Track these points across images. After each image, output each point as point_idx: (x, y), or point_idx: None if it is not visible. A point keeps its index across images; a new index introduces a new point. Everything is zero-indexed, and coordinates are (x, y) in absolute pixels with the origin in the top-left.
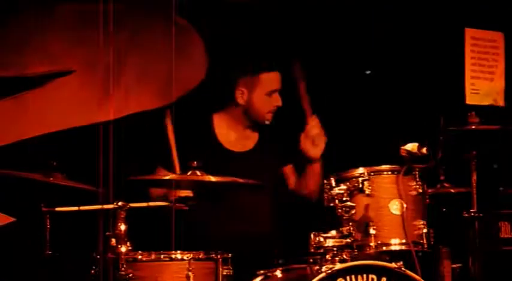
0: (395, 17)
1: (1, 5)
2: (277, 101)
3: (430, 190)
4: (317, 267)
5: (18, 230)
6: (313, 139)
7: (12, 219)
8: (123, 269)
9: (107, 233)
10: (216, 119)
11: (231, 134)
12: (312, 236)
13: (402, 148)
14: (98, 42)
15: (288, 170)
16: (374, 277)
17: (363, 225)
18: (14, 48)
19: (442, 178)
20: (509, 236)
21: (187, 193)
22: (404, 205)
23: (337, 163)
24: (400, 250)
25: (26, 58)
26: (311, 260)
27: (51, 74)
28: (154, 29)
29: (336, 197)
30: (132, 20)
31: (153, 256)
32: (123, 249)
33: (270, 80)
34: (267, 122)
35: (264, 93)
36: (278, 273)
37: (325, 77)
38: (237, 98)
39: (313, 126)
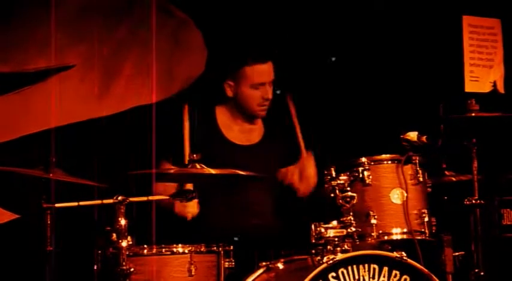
0: (393, 5)
1: (2, 1)
2: (266, 93)
3: (431, 179)
4: (318, 258)
5: (20, 227)
6: (308, 179)
7: (16, 216)
8: (124, 263)
9: (107, 228)
10: (218, 112)
11: (233, 127)
12: (312, 226)
13: (402, 136)
14: (98, 37)
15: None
16: (376, 266)
17: (364, 215)
18: (15, 44)
19: (443, 166)
20: None
21: (187, 186)
22: (405, 194)
23: (337, 152)
24: (402, 239)
25: (27, 54)
26: (313, 251)
27: (52, 69)
28: (153, 23)
29: (336, 187)
30: (131, 14)
31: (154, 250)
32: (124, 244)
33: (255, 73)
34: (261, 115)
35: (248, 86)
36: (280, 265)
37: (325, 66)
38: (226, 91)
39: (309, 167)
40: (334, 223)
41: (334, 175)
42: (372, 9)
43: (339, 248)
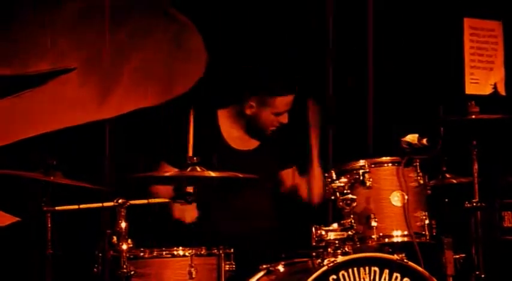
0: (394, 7)
1: (3, 4)
2: (284, 119)
3: (431, 181)
4: (319, 260)
5: (20, 230)
6: (317, 194)
7: (17, 219)
8: (124, 266)
9: (108, 231)
10: (221, 115)
11: (234, 131)
12: (313, 229)
13: (402, 139)
14: (99, 40)
15: (286, 174)
16: (376, 269)
17: (365, 217)
18: (16, 47)
19: (443, 168)
20: None
21: (188, 189)
22: (406, 197)
23: (337, 155)
24: (402, 242)
25: (28, 57)
26: (313, 254)
27: (53, 72)
28: (155, 26)
29: (336, 190)
30: (132, 17)
31: (155, 253)
32: (124, 246)
33: (283, 103)
34: (268, 134)
35: (273, 113)
36: (280, 267)
37: (325, 68)
38: (245, 109)
39: (317, 181)
40: (335, 225)
41: (334, 178)
42: (373, 10)
43: (339, 251)
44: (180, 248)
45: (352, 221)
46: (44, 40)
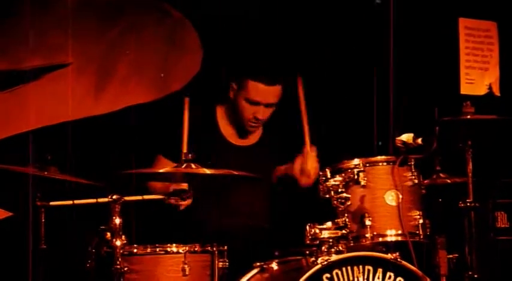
0: (390, 7)
1: None
2: (257, 112)
3: (426, 181)
4: (313, 259)
5: (14, 225)
6: (309, 173)
7: (10, 213)
8: (118, 263)
9: (102, 227)
10: (219, 111)
11: (231, 127)
12: (307, 227)
13: (397, 138)
14: (94, 35)
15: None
16: (370, 268)
17: (359, 216)
18: (10, 42)
19: (438, 168)
20: (506, 226)
21: (182, 186)
22: (400, 196)
23: (332, 154)
24: (396, 241)
25: (22, 51)
26: (307, 252)
27: (47, 67)
28: (150, 22)
29: (331, 188)
30: (127, 12)
31: (148, 250)
32: (118, 243)
33: (254, 89)
34: (250, 130)
35: (244, 98)
36: (274, 265)
37: (322, 68)
38: (230, 91)
39: (311, 159)
40: (329, 224)
41: (329, 176)
42: (369, 11)
43: (333, 249)
44: (174, 245)
45: (347, 220)
46: (39, 35)
